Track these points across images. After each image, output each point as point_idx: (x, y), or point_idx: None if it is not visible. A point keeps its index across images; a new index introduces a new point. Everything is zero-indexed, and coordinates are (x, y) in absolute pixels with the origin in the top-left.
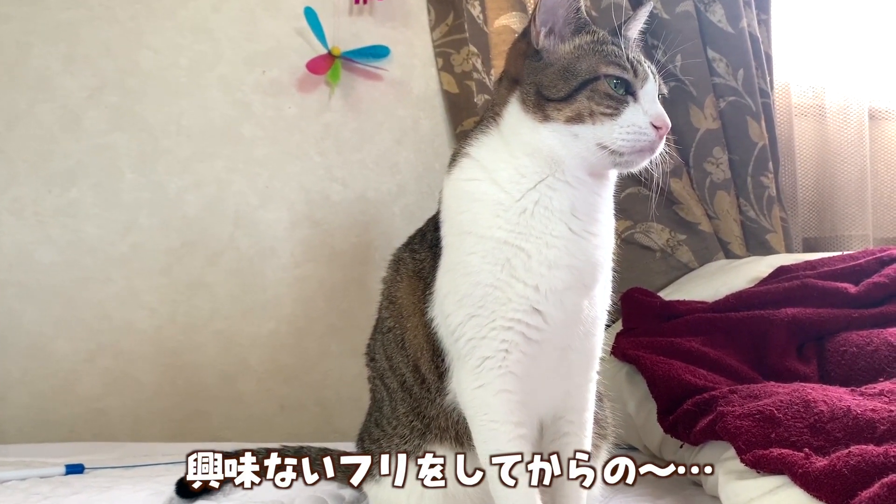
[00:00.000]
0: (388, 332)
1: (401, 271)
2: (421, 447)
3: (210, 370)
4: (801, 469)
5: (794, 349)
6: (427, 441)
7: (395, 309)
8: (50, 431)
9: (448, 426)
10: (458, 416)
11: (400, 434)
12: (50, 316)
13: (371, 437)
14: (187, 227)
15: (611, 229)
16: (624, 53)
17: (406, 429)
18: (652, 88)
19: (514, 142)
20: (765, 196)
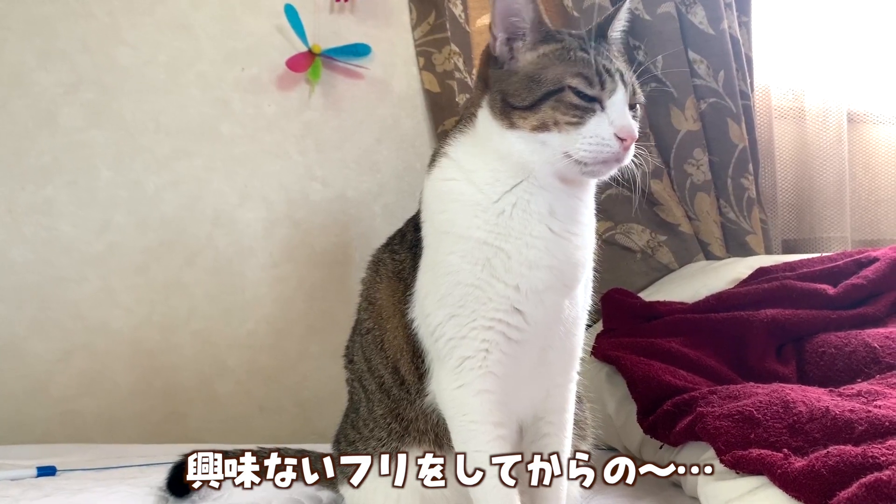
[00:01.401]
0: (367, 334)
1: (380, 272)
2: (399, 450)
3: (187, 371)
4: (780, 469)
5: (774, 350)
6: (405, 444)
7: (374, 310)
8: (22, 433)
9: (427, 429)
10: (438, 417)
11: (377, 437)
12: (23, 315)
13: (347, 440)
14: (165, 226)
15: (592, 230)
16: (593, 63)
17: (384, 431)
18: (620, 99)
19: (486, 145)
20: (745, 198)
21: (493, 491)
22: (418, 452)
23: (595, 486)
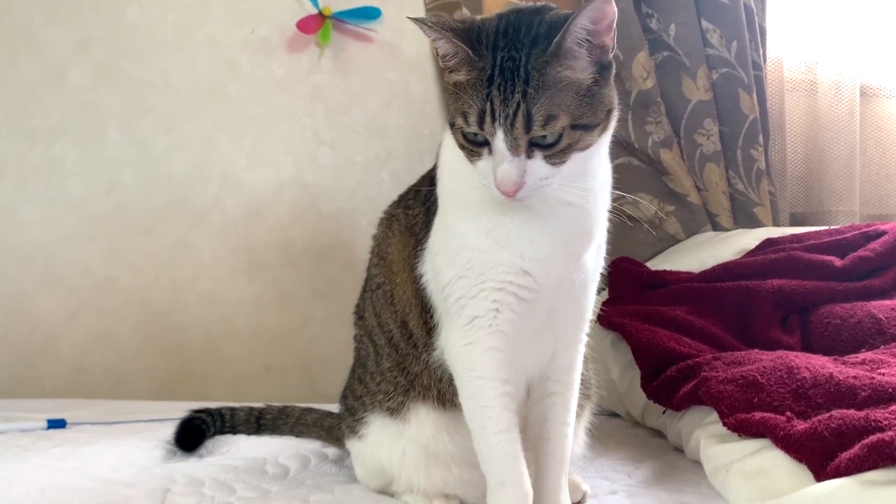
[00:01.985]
0: (378, 289)
1: (393, 227)
2: (404, 404)
3: (194, 331)
4: (783, 432)
5: (779, 320)
6: (410, 398)
7: (385, 265)
8: (31, 388)
9: (431, 384)
10: (443, 373)
11: (384, 390)
12: (31, 273)
13: (354, 395)
14: (173, 187)
15: (602, 197)
16: (484, 100)
17: (390, 385)
18: (500, 146)
19: None
20: (754, 169)
21: (497, 447)
22: (423, 408)
23: (597, 450)
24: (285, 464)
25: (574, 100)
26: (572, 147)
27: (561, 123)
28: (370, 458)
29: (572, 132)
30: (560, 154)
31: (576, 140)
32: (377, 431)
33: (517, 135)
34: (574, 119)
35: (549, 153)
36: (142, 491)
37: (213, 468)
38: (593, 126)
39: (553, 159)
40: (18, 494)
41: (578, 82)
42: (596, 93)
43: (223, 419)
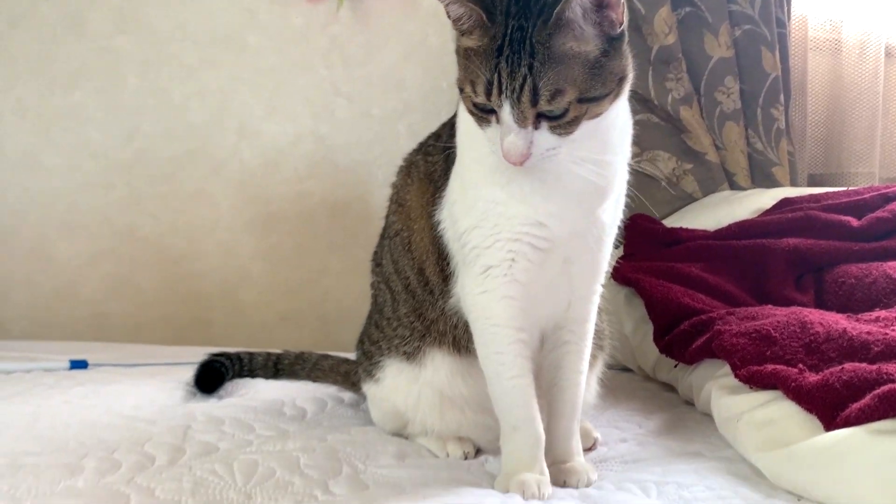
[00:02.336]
0: (396, 236)
1: (412, 174)
2: (420, 349)
3: (212, 279)
4: (794, 383)
5: (793, 279)
6: (426, 343)
7: (403, 212)
8: (52, 331)
9: (447, 330)
10: (458, 320)
11: (400, 335)
12: (52, 219)
13: (371, 339)
14: (191, 136)
15: (622, 152)
16: (492, 70)
17: (407, 330)
18: (506, 118)
19: None
20: (774, 129)
21: (511, 392)
22: (438, 353)
23: (608, 401)
24: (302, 406)
25: (581, 73)
26: (579, 119)
27: (568, 98)
28: (386, 401)
29: (579, 105)
30: (567, 126)
31: (583, 112)
32: (393, 375)
33: (524, 108)
34: (581, 93)
35: (555, 124)
36: (163, 428)
37: (233, 408)
38: (602, 97)
39: (559, 130)
40: (44, 428)
41: (585, 55)
42: (605, 65)
43: (241, 363)
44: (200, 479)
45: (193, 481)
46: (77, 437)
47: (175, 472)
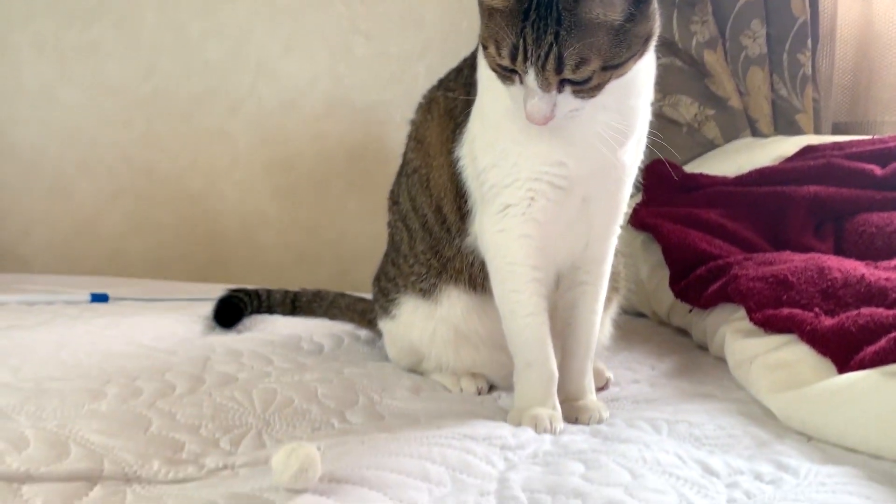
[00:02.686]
0: (414, 174)
1: (432, 111)
2: (436, 286)
3: (229, 218)
4: (810, 326)
5: (812, 227)
6: (442, 280)
7: (422, 149)
8: (73, 267)
9: (463, 268)
10: (474, 259)
11: (417, 272)
12: (72, 155)
13: (387, 277)
14: (208, 73)
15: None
16: (518, 33)
17: (423, 267)
18: (531, 83)
19: None
20: (799, 75)
21: (526, 329)
22: (454, 290)
23: (622, 344)
24: (319, 342)
25: (607, 41)
26: (603, 84)
27: (592, 67)
28: (401, 337)
29: (602, 73)
30: (590, 90)
31: (606, 79)
32: (409, 311)
33: (548, 75)
34: (606, 61)
35: (578, 89)
36: (183, 358)
37: (251, 342)
38: (627, 60)
39: (583, 94)
40: (68, 356)
41: (611, 22)
42: (630, 30)
43: (260, 299)
44: (220, 406)
45: (213, 407)
46: (99, 364)
47: (195, 398)
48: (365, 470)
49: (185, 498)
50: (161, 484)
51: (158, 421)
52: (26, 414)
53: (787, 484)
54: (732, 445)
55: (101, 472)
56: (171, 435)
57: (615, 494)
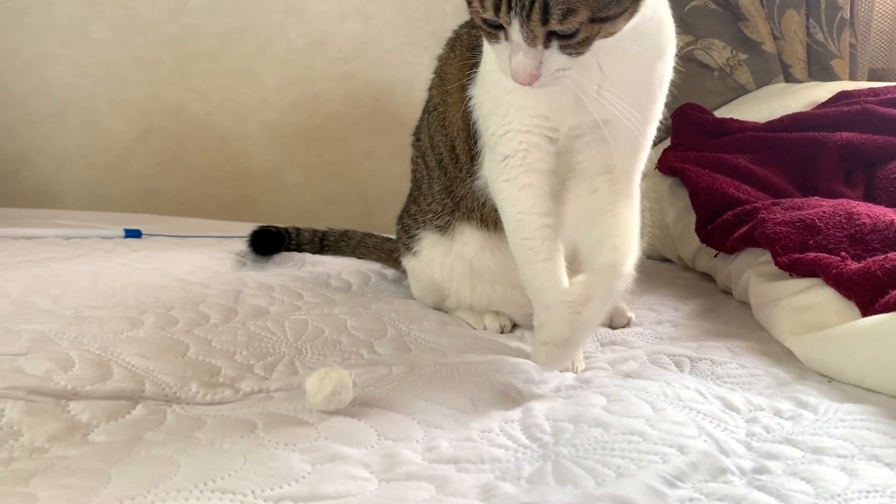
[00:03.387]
0: (434, 111)
1: (456, 47)
2: (451, 223)
3: (258, 159)
4: (835, 270)
5: (843, 173)
6: (456, 218)
7: (442, 86)
8: (105, 204)
9: (474, 207)
10: (484, 198)
11: (434, 210)
12: (103, 93)
13: (409, 213)
14: (237, 12)
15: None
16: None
17: (438, 205)
18: (515, 36)
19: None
20: (836, 19)
21: (541, 274)
22: (467, 227)
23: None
24: (347, 279)
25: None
26: (591, 39)
27: (579, 18)
28: (423, 273)
29: (590, 25)
30: (578, 45)
31: (595, 32)
32: (429, 247)
33: (533, 27)
34: (594, 12)
35: (565, 44)
36: (216, 291)
37: (281, 277)
38: (616, 16)
39: (570, 50)
40: (104, 287)
41: None
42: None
43: (289, 236)
44: (254, 334)
45: (247, 335)
46: (135, 295)
47: (229, 328)
48: (394, 395)
49: (223, 418)
50: (199, 405)
51: (195, 347)
52: (68, 339)
53: (806, 420)
54: (753, 384)
55: (143, 392)
56: (207, 360)
57: (636, 425)
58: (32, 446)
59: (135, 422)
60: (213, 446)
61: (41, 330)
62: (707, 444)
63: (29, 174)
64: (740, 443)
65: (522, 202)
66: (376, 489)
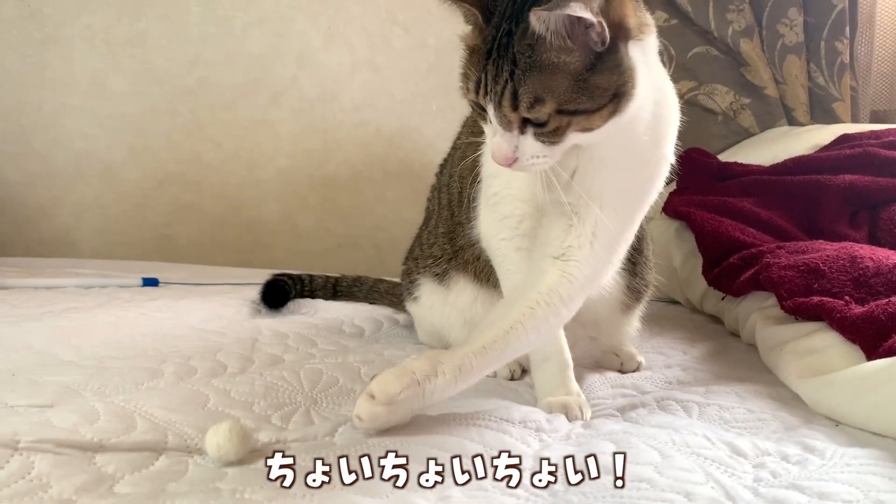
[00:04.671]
0: (458, 149)
1: None
2: (448, 272)
3: (271, 206)
4: (839, 314)
5: (847, 215)
6: (452, 267)
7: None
8: (122, 252)
9: (470, 260)
10: (480, 252)
11: (433, 255)
12: (121, 143)
13: (412, 255)
14: (251, 65)
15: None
16: (474, 73)
17: (439, 250)
18: (493, 120)
19: None
20: (837, 63)
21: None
22: (462, 278)
23: (654, 330)
24: (360, 325)
25: (563, 84)
26: (562, 130)
27: (547, 108)
28: (424, 319)
29: (559, 116)
30: (550, 135)
31: (565, 124)
32: (428, 294)
33: (505, 112)
34: (560, 104)
35: (539, 132)
36: (232, 339)
37: (296, 325)
38: (591, 111)
39: (543, 138)
40: (124, 337)
41: (567, 66)
42: (589, 79)
43: (303, 283)
44: (271, 384)
45: (265, 386)
46: (154, 345)
47: (247, 378)
48: (407, 445)
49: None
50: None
51: (214, 398)
52: (91, 390)
53: (813, 465)
54: (761, 428)
55: (166, 444)
56: (226, 411)
57: (644, 472)
58: (61, 498)
59: (158, 473)
60: (235, 496)
61: (65, 381)
62: (714, 490)
63: (48, 224)
64: (747, 488)
65: (518, 263)
66: None
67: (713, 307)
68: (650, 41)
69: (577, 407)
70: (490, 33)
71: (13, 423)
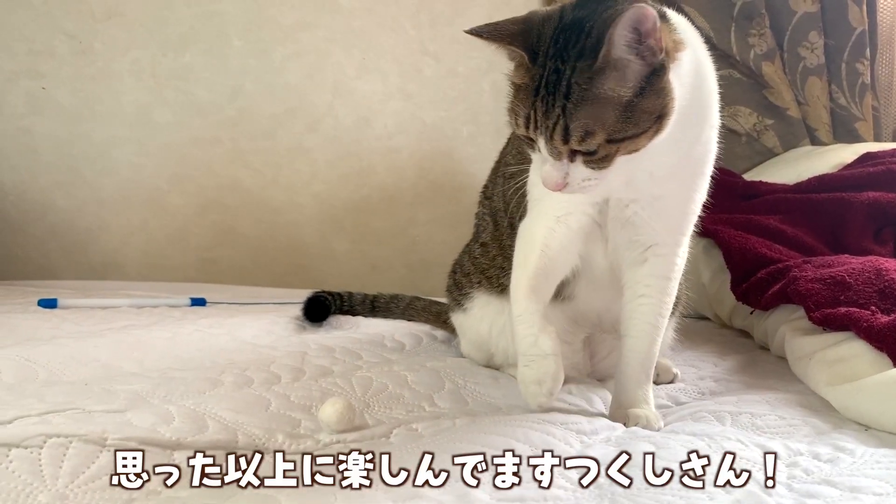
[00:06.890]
0: (511, 178)
1: None
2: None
3: (308, 229)
4: (867, 323)
5: (872, 232)
6: (499, 282)
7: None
8: (166, 274)
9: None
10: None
11: (498, 265)
12: (165, 171)
13: (463, 271)
14: (289, 94)
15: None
16: (523, 110)
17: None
18: (543, 147)
19: None
20: (858, 83)
21: None
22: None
23: (685, 344)
24: (401, 340)
25: (613, 116)
26: (611, 156)
27: (597, 140)
28: (472, 330)
29: (608, 145)
30: (600, 161)
31: (614, 151)
32: (481, 305)
33: (556, 145)
34: (610, 135)
35: (589, 160)
36: (283, 353)
37: (341, 339)
38: (636, 136)
39: (593, 165)
40: (182, 351)
41: (620, 97)
42: (637, 105)
43: (342, 300)
44: (326, 389)
45: (321, 391)
46: (211, 358)
47: (302, 384)
48: (460, 445)
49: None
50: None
51: (276, 402)
52: (159, 397)
53: (844, 462)
54: (792, 433)
55: (237, 443)
56: (288, 413)
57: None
58: (148, 489)
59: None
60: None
61: (135, 390)
62: (750, 484)
63: (96, 248)
64: (781, 484)
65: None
66: None
67: (742, 322)
68: (684, 57)
69: (645, 418)
70: (537, 72)
71: (101, 423)
